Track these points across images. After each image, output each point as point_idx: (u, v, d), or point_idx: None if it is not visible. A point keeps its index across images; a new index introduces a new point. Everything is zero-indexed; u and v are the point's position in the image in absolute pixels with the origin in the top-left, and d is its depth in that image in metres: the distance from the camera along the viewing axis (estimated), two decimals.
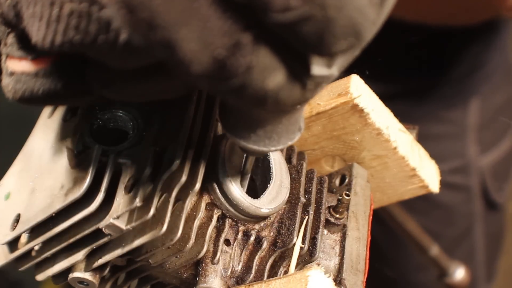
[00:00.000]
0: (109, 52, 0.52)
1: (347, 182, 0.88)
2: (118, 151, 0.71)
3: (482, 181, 1.87)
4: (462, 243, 1.94)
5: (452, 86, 1.80)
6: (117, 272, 0.79)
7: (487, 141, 1.86)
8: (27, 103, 0.59)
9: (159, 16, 0.48)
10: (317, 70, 0.52)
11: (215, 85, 0.52)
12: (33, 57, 0.57)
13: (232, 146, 0.76)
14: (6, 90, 0.58)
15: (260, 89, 0.52)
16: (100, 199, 0.68)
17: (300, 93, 0.53)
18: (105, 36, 0.50)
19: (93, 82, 0.57)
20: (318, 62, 0.52)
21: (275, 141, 0.63)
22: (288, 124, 0.62)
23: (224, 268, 0.76)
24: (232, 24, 0.49)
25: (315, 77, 0.53)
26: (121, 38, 0.50)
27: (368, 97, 0.85)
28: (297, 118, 0.63)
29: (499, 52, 1.84)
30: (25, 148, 0.80)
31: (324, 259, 0.81)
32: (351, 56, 0.53)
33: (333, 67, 0.53)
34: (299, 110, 0.61)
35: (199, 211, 0.74)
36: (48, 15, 0.52)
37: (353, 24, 0.49)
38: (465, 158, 1.84)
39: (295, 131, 0.63)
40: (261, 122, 0.61)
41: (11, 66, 0.58)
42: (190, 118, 0.70)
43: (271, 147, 0.63)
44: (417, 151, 0.92)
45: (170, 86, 0.57)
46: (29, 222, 0.73)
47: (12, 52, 0.57)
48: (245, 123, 0.62)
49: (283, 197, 0.79)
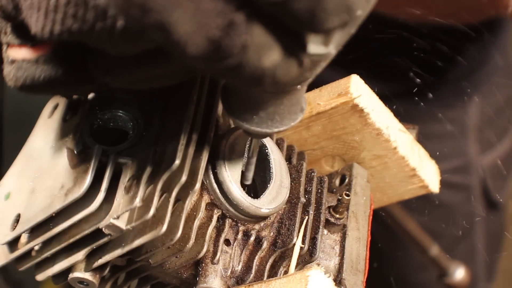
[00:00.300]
0: (107, 39, 0.52)
1: (347, 182, 0.88)
2: (118, 151, 0.71)
3: (483, 180, 1.87)
4: (462, 243, 1.94)
5: (452, 85, 1.80)
6: (117, 272, 0.79)
7: (487, 141, 1.86)
8: (29, 91, 0.59)
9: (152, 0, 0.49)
10: (313, 48, 0.52)
11: (211, 65, 0.53)
12: (33, 43, 0.57)
13: (232, 146, 0.76)
14: (7, 78, 0.59)
15: (257, 68, 0.52)
16: (100, 199, 0.68)
17: (297, 71, 0.54)
18: (103, 23, 0.51)
19: (94, 70, 0.57)
20: (314, 40, 0.52)
21: (278, 122, 0.63)
22: (290, 105, 0.62)
23: (224, 268, 0.76)
24: (224, 4, 0.50)
25: (311, 55, 0.53)
26: (118, 25, 0.50)
27: (368, 97, 0.85)
28: (299, 99, 0.63)
29: (499, 52, 1.84)
30: (25, 148, 0.80)
31: (324, 259, 0.81)
32: (348, 34, 0.53)
33: (330, 45, 0.53)
34: (299, 90, 0.61)
35: (199, 211, 0.74)
36: (45, 5, 0.52)
37: (344, 0, 0.49)
38: (465, 157, 1.84)
39: (297, 112, 0.64)
40: (262, 104, 0.61)
41: (12, 54, 0.58)
42: (190, 118, 0.70)
43: (274, 128, 0.63)
44: (417, 151, 0.92)
45: (169, 70, 0.58)
46: (29, 222, 0.73)
47: (12, 40, 0.57)
48: (246, 105, 0.62)
49: (283, 197, 0.79)
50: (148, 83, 0.60)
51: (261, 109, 0.62)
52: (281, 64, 0.53)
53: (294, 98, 0.62)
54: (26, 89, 0.59)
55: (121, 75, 0.57)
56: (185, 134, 0.69)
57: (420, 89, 1.81)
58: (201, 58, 0.51)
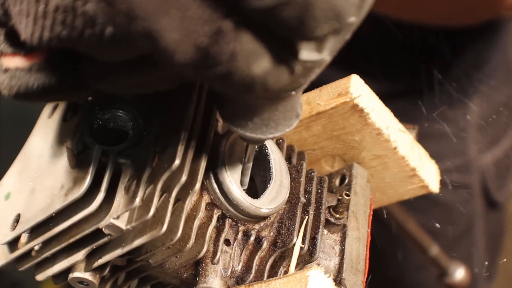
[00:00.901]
0: (96, 46, 0.52)
1: (347, 182, 0.88)
2: (118, 151, 0.71)
3: (483, 180, 1.87)
4: (462, 242, 1.94)
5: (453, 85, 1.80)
6: (117, 272, 0.79)
7: (487, 140, 1.86)
8: (24, 99, 0.59)
9: (138, 7, 0.49)
10: (306, 55, 0.52)
11: (201, 73, 0.52)
12: (25, 52, 0.57)
13: (232, 146, 0.76)
14: (1, 87, 0.59)
15: (246, 75, 0.52)
16: (100, 199, 0.68)
17: (288, 78, 0.53)
18: (91, 30, 0.51)
19: (86, 76, 0.57)
20: (306, 46, 0.51)
21: (273, 128, 0.63)
22: (285, 111, 0.62)
23: (224, 268, 0.76)
24: (212, 12, 0.49)
25: (304, 62, 0.52)
26: (107, 32, 0.50)
27: (368, 97, 0.85)
28: (294, 105, 0.63)
29: (500, 51, 1.84)
30: (25, 148, 0.80)
31: (324, 259, 0.81)
32: (342, 40, 0.53)
33: (323, 52, 0.52)
34: (294, 96, 0.61)
35: (199, 211, 0.74)
36: (34, 12, 0.52)
37: (333, 7, 0.49)
38: (465, 157, 1.84)
39: (292, 118, 0.63)
40: (257, 110, 0.61)
41: (5, 63, 0.58)
42: (190, 118, 0.70)
43: (268, 134, 0.63)
44: (417, 151, 0.92)
45: (160, 77, 0.57)
46: (29, 222, 0.73)
47: (5, 49, 0.57)
48: (241, 111, 0.62)
49: (283, 197, 0.79)
50: (141, 89, 0.60)
51: (256, 115, 0.61)
52: (272, 71, 0.52)
53: (289, 104, 0.62)
54: (21, 97, 0.59)
55: (113, 81, 0.57)
56: (185, 134, 0.69)
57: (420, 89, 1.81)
58: (189, 66, 0.51)
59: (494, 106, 1.85)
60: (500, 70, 1.84)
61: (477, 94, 1.80)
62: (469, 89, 1.80)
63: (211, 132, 0.74)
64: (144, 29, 0.49)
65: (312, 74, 0.55)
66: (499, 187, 1.91)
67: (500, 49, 1.83)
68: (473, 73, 1.80)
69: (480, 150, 1.84)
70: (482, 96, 1.81)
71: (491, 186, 1.88)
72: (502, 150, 1.88)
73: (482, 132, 1.83)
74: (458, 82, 1.80)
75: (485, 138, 1.85)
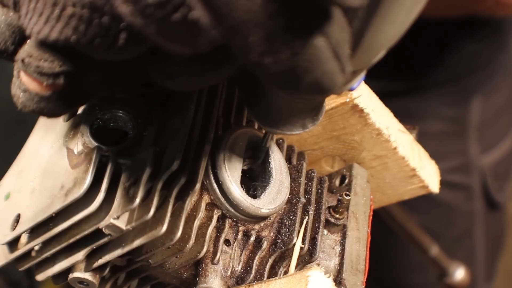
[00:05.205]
0: (101, 53, 0.53)
1: (347, 182, 0.87)
2: (118, 152, 0.71)
3: (483, 180, 1.87)
4: (462, 243, 1.94)
5: (454, 84, 1.80)
6: (117, 272, 0.79)
7: (488, 140, 1.86)
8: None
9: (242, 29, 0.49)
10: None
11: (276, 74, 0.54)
12: (48, 83, 0.57)
13: (232, 146, 0.76)
14: (15, 99, 0.59)
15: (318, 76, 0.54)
16: (100, 199, 0.68)
17: (342, 79, 0.55)
18: (102, 39, 0.51)
19: (154, 75, 0.57)
20: None
21: (300, 126, 0.67)
22: (311, 110, 0.65)
23: (224, 268, 0.76)
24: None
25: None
26: (119, 42, 0.51)
27: (368, 97, 0.85)
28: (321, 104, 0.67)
29: (502, 51, 1.84)
30: (25, 148, 0.80)
31: (324, 259, 0.81)
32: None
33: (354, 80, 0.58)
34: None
35: (199, 211, 0.74)
36: (48, 13, 0.52)
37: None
38: (466, 157, 1.84)
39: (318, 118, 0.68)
40: (291, 111, 0.64)
41: (25, 83, 0.58)
42: (190, 118, 0.70)
43: (295, 130, 0.67)
44: (417, 151, 0.92)
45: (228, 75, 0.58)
46: (29, 222, 0.73)
47: (29, 71, 0.57)
48: (278, 114, 0.65)
49: (283, 197, 0.79)
50: (203, 83, 0.61)
51: (289, 116, 0.65)
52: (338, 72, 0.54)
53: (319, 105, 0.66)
54: (31, 113, 0.60)
55: (184, 81, 0.57)
56: (185, 134, 0.69)
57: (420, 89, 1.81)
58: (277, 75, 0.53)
59: (494, 106, 1.85)
60: (502, 69, 1.84)
61: (478, 94, 1.80)
62: (470, 88, 1.80)
63: (211, 132, 0.74)
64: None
65: (359, 77, 0.58)
66: (499, 188, 1.91)
67: (502, 48, 1.83)
68: (475, 72, 1.80)
69: (481, 150, 1.84)
70: (483, 95, 1.81)
71: (491, 186, 1.88)
72: (503, 151, 1.88)
73: (482, 132, 1.83)
74: (459, 81, 1.80)
75: (486, 138, 1.85)
